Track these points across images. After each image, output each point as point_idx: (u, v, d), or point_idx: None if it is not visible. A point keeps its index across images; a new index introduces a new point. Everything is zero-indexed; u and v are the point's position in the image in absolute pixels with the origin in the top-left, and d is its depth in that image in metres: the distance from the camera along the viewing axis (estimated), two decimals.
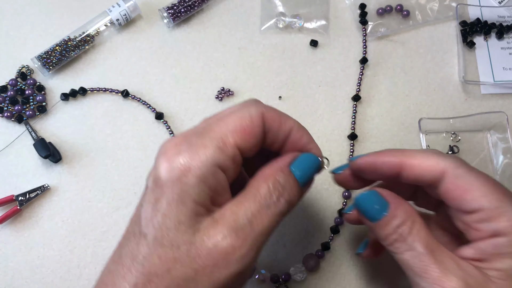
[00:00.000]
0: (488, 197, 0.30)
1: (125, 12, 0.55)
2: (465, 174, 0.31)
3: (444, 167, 0.31)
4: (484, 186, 0.30)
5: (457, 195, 0.30)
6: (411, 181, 0.33)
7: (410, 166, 0.32)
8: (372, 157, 0.34)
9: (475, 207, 0.30)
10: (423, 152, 0.33)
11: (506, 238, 0.29)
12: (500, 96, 0.57)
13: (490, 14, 0.59)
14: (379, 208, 0.32)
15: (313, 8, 0.58)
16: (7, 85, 0.54)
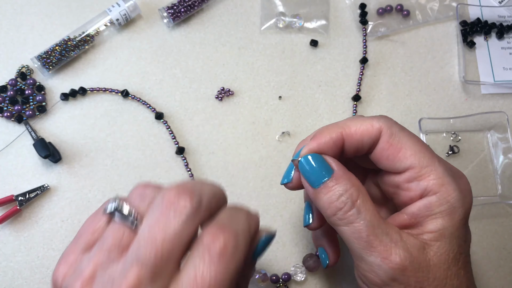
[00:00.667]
0: (418, 155, 0.30)
1: (125, 12, 0.55)
2: (397, 133, 0.31)
3: (380, 126, 0.32)
4: (414, 145, 0.31)
5: (390, 153, 0.31)
6: (353, 150, 0.33)
7: (350, 135, 0.32)
8: (313, 144, 0.32)
9: (406, 165, 0.30)
10: (356, 119, 0.33)
11: (435, 196, 0.29)
12: (501, 96, 0.57)
13: (491, 14, 0.59)
14: (323, 172, 0.31)
15: (313, 8, 0.58)
16: (7, 85, 0.54)
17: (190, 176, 0.52)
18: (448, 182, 0.30)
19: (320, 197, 0.31)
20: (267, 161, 0.53)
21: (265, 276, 0.49)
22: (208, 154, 0.53)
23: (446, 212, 0.29)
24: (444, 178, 0.30)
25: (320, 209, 0.32)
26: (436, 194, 0.30)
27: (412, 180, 0.30)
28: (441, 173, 0.30)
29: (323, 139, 0.32)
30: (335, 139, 0.32)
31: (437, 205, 0.30)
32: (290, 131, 0.54)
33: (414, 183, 0.30)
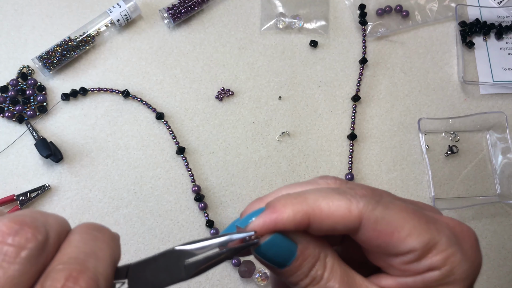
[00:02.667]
0: (416, 234, 0.25)
1: (126, 12, 0.56)
2: (384, 215, 0.25)
3: (359, 213, 0.25)
4: (407, 221, 0.25)
5: (381, 241, 0.25)
6: (324, 232, 0.26)
7: (319, 219, 0.25)
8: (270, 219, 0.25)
9: (405, 250, 0.25)
10: (329, 195, 0.26)
11: (439, 271, 0.25)
12: (499, 96, 0.57)
13: (489, 15, 0.60)
14: (287, 253, 0.26)
15: (313, 8, 0.59)
16: (8, 85, 0.54)
17: (190, 176, 0.52)
18: (453, 253, 0.25)
19: (285, 277, 0.27)
20: (267, 161, 0.53)
21: (265, 276, 0.49)
22: (208, 154, 0.53)
23: (448, 284, 0.25)
24: (449, 249, 0.25)
25: (288, 284, 0.27)
26: (439, 270, 0.25)
27: (412, 263, 0.25)
28: (445, 244, 0.25)
29: (284, 214, 0.25)
30: (298, 219, 0.25)
31: (438, 280, 0.25)
32: (290, 131, 0.54)
33: (413, 264, 0.25)
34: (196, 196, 0.51)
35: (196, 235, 0.50)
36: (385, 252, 0.26)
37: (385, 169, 0.54)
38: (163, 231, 0.51)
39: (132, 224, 0.51)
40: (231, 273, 0.50)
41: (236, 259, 0.49)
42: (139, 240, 0.51)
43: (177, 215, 0.52)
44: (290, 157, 0.54)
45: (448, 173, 0.54)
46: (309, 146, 0.54)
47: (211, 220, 0.51)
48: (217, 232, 0.51)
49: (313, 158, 0.54)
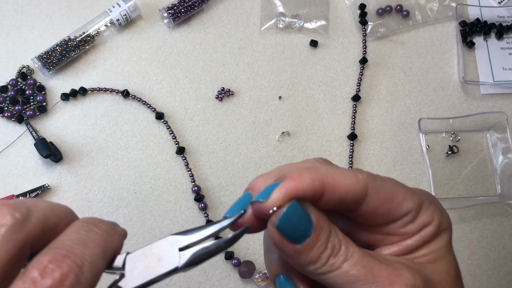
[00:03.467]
0: (409, 198, 0.28)
1: (125, 12, 0.56)
2: (383, 184, 0.28)
3: (365, 182, 0.27)
4: (400, 189, 0.28)
5: (384, 209, 0.27)
6: (332, 206, 0.27)
7: (333, 188, 0.26)
8: (291, 187, 0.25)
9: (403, 212, 0.28)
10: (338, 168, 0.28)
11: (431, 226, 0.28)
12: (500, 96, 0.57)
13: (490, 14, 0.59)
14: (306, 223, 0.26)
15: (313, 8, 0.59)
16: (8, 85, 0.54)
17: (190, 176, 0.52)
18: (435, 209, 0.29)
19: (306, 253, 0.26)
20: (267, 161, 0.53)
21: (265, 276, 0.49)
22: (208, 154, 0.53)
23: (438, 236, 0.29)
24: (431, 206, 0.29)
25: (303, 265, 0.27)
26: (431, 224, 0.28)
27: (408, 224, 0.28)
28: (428, 203, 0.29)
29: (304, 182, 0.25)
30: (317, 186, 0.26)
31: (433, 233, 0.28)
32: (290, 131, 0.54)
33: (409, 226, 0.28)
34: (196, 196, 0.51)
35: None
36: (386, 220, 0.28)
37: (386, 169, 0.54)
38: (163, 231, 0.51)
39: (132, 224, 0.51)
40: (231, 273, 0.50)
41: (236, 259, 0.49)
42: (139, 240, 0.51)
43: (177, 215, 0.52)
44: (290, 157, 0.54)
45: (449, 173, 0.54)
46: (309, 146, 0.54)
47: (211, 220, 0.51)
48: None
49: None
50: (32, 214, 0.23)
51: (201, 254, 0.27)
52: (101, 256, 0.23)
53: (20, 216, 0.22)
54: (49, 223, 0.24)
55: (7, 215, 0.22)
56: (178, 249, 0.26)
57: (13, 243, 0.21)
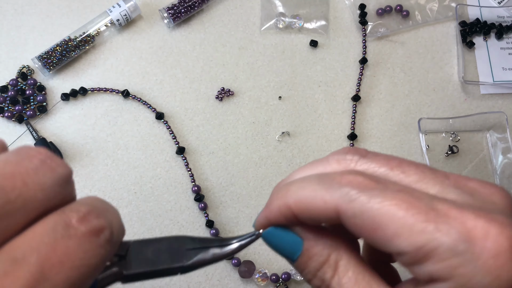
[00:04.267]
0: (405, 235, 0.20)
1: (126, 12, 0.56)
2: (364, 208, 0.21)
3: (333, 204, 0.22)
4: (396, 218, 0.20)
5: (367, 236, 0.22)
6: (313, 224, 0.25)
7: (300, 210, 0.24)
8: (261, 218, 0.26)
9: (394, 251, 0.21)
10: (307, 187, 0.24)
11: (446, 284, 0.20)
12: (500, 96, 0.57)
13: (490, 14, 0.60)
14: (292, 246, 0.25)
15: (313, 8, 0.59)
16: (8, 85, 0.54)
17: (190, 176, 0.52)
18: (462, 264, 0.19)
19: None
20: (267, 161, 0.53)
21: (265, 276, 0.49)
22: (208, 154, 0.53)
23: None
24: (453, 259, 0.19)
25: None
26: (446, 282, 0.20)
27: (412, 265, 0.21)
28: (448, 252, 0.19)
29: (272, 210, 0.25)
30: (283, 212, 0.25)
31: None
32: (290, 131, 0.54)
33: (416, 267, 0.21)
34: (196, 196, 0.51)
35: (197, 235, 0.50)
36: (378, 247, 0.22)
37: None
38: (163, 231, 0.51)
39: (132, 224, 0.51)
40: (231, 273, 0.50)
41: (236, 259, 0.49)
42: None
43: (177, 215, 0.52)
44: (290, 157, 0.54)
45: None
46: (309, 146, 0.54)
47: (211, 220, 0.51)
48: (217, 232, 0.50)
49: (313, 158, 0.54)
50: (72, 177, 0.23)
51: (206, 259, 0.26)
52: (122, 229, 0.23)
53: (70, 172, 0.22)
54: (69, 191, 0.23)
55: (63, 166, 0.21)
56: (185, 249, 0.26)
57: (62, 191, 0.21)
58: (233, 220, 0.51)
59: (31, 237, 0.19)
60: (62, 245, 0.19)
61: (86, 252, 0.19)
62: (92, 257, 0.20)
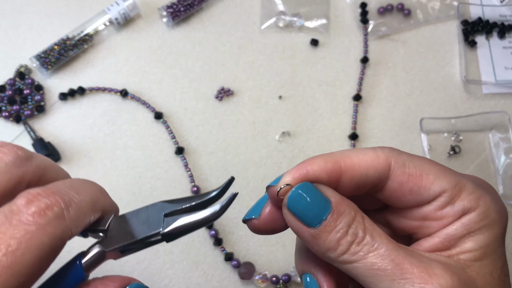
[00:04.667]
0: (444, 177, 0.25)
1: (124, 11, 0.55)
2: (409, 160, 0.26)
3: (386, 158, 0.25)
4: (432, 166, 0.26)
5: (412, 185, 0.25)
6: (353, 188, 0.26)
7: (350, 168, 0.25)
8: (299, 171, 0.25)
9: (435, 192, 0.25)
10: (355, 149, 0.26)
11: (475, 212, 0.25)
12: (502, 95, 0.57)
13: (492, 13, 0.59)
14: (321, 205, 0.24)
15: (314, 7, 0.58)
16: (5, 84, 0.54)
17: (190, 176, 0.51)
18: (483, 194, 0.25)
19: (323, 238, 0.24)
20: (267, 161, 0.53)
21: (265, 277, 0.49)
22: (207, 154, 0.53)
23: (486, 227, 0.25)
24: (477, 191, 0.25)
25: (323, 251, 0.25)
26: (475, 210, 0.25)
27: (446, 206, 0.25)
28: (473, 187, 0.25)
29: (314, 165, 0.25)
30: (329, 170, 0.25)
31: (478, 221, 0.25)
32: (290, 131, 0.54)
33: (447, 208, 0.25)
34: None
35: (196, 235, 0.50)
36: (417, 199, 0.26)
37: None
38: None
39: None
40: (230, 275, 0.50)
41: (236, 261, 0.49)
42: None
43: None
44: (291, 157, 0.53)
45: None
46: (310, 146, 0.54)
47: None
48: (216, 233, 0.50)
49: None
50: (34, 159, 0.24)
51: (189, 223, 0.26)
52: (90, 206, 0.24)
53: (22, 155, 0.23)
54: (49, 174, 0.25)
55: (11, 151, 0.23)
56: (163, 215, 0.26)
57: (10, 176, 0.22)
58: (233, 220, 0.51)
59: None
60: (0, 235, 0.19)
61: (26, 233, 0.20)
62: (36, 237, 0.20)
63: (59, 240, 0.21)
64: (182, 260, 0.49)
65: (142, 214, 0.26)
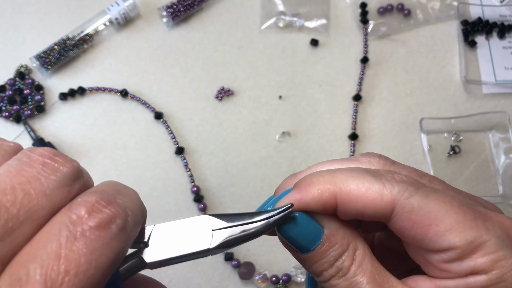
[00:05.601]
0: (459, 230, 0.22)
1: (124, 11, 0.55)
2: (422, 204, 0.22)
3: (392, 199, 0.22)
4: (450, 214, 0.22)
5: (416, 233, 0.22)
6: (349, 217, 0.24)
7: (347, 202, 0.23)
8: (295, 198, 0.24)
9: (443, 247, 0.22)
10: (360, 176, 0.23)
11: (486, 276, 0.22)
12: (502, 95, 0.57)
13: (492, 13, 0.59)
14: (312, 235, 0.24)
15: (314, 7, 0.58)
16: (6, 84, 0.54)
17: (190, 176, 0.51)
18: (505, 257, 0.21)
19: (308, 264, 0.25)
20: (267, 161, 0.53)
21: (265, 277, 0.49)
22: (207, 154, 0.53)
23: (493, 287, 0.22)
24: (499, 252, 0.21)
25: (308, 270, 0.26)
26: (487, 274, 0.22)
27: (452, 261, 0.22)
28: (495, 246, 0.22)
29: (309, 194, 0.24)
30: (325, 199, 0.23)
31: (486, 286, 0.22)
32: (290, 131, 0.54)
33: (454, 264, 0.22)
34: (195, 197, 0.51)
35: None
36: (421, 246, 0.23)
37: None
38: None
39: None
40: (230, 275, 0.49)
41: (236, 261, 0.49)
42: None
43: (177, 216, 0.51)
44: (291, 157, 0.53)
45: (450, 174, 0.54)
46: (310, 146, 0.54)
47: None
48: None
49: (314, 158, 0.53)
50: (84, 172, 0.22)
51: (237, 237, 0.24)
52: (141, 213, 0.22)
53: (78, 167, 0.21)
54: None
55: (69, 163, 0.21)
56: (211, 230, 0.24)
57: (69, 189, 0.20)
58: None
59: (35, 248, 0.17)
60: (67, 249, 0.18)
61: (95, 250, 0.18)
62: (104, 253, 0.18)
63: (122, 254, 0.20)
64: None
65: (187, 226, 0.25)
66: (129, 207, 0.21)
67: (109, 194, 0.20)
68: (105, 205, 0.19)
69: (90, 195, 0.20)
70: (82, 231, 0.18)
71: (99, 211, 0.19)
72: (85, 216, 0.18)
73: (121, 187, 0.22)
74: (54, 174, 0.19)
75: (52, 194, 0.19)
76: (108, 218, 0.19)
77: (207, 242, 0.24)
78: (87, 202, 0.19)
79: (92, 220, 0.18)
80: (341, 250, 0.24)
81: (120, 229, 0.19)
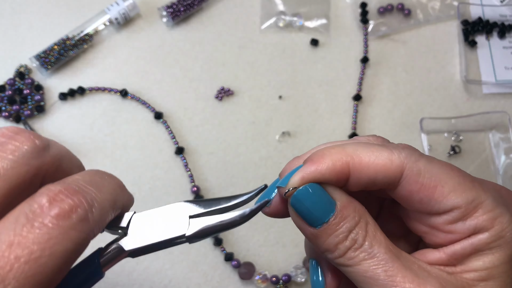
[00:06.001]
0: (459, 190, 0.24)
1: (124, 11, 0.55)
2: (427, 168, 0.24)
3: (401, 163, 0.24)
4: (451, 177, 0.24)
5: (423, 195, 0.24)
6: (360, 186, 0.25)
7: (359, 168, 0.24)
8: (309, 170, 0.24)
9: (448, 207, 0.24)
10: (369, 147, 0.25)
11: (488, 233, 0.23)
12: (502, 95, 0.57)
13: (492, 13, 0.59)
14: (325, 207, 0.24)
15: (314, 6, 0.58)
16: (5, 84, 0.54)
17: (190, 176, 0.51)
18: (501, 214, 0.24)
19: (322, 239, 0.25)
20: (267, 161, 0.53)
21: (265, 277, 0.48)
22: (207, 154, 0.53)
23: (498, 248, 0.24)
24: (496, 210, 0.24)
25: (321, 251, 0.25)
26: (488, 231, 0.23)
27: (456, 221, 0.24)
28: (492, 205, 0.24)
29: (324, 164, 0.24)
30: (338, 169, 0.24)
31: (488, 242, 0.24)
32: (290, 131, 0.54)
33: (458, 224, 0.24)
34: (195, 197, 0.51)
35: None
36: (427, 209, 0.24)
37: None
38: None
39: None
40: (230, 275, 0.49)
41: (236, 261, 0.49)
42: None
43: None
44: (291, 157, 0.53)
45: None
46: (310, 146, 0.53)
47: None
48: None
49: None
50: (51, 148, 0.22)
51: (214, 226, 0.25)
52: (111, 204, 0.22)
53: (40, 144, 0.22)
54: (64, 164, 0.23)
55: (28, 140, 0.21)
56: (188, 216, 0.25)
57: (27, 168, 0.21)
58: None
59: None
60: (21, 237, 0.18)
61: (51, 239, 0.18)
62: (60, 242, 0.18)
63: (82, 245, 0.20)
64: (182, 260, 0.49)
65: (165, 214, 0.25)
66: (97, 198, 0.21)
67: (77, 184, 0.21)
68: (68, 195, 0.20)
69: (57, 184, 0.20)
70: (41, 220, 0.18)
71: (61, 200, 0.19)
72: (46, 205, 0.19)
73: (97, 178, 0.23)
74: (13, 154, 0.20)
75: (7, 174, 0.19)
76: (68, 208, 0.19)
77: (184, 228, 0.24)
78: (50, 191, 0.19)
79: (52, 210, 0.19)
80: (354, 222, 0.24)
81: (81, 219, 0.19)
